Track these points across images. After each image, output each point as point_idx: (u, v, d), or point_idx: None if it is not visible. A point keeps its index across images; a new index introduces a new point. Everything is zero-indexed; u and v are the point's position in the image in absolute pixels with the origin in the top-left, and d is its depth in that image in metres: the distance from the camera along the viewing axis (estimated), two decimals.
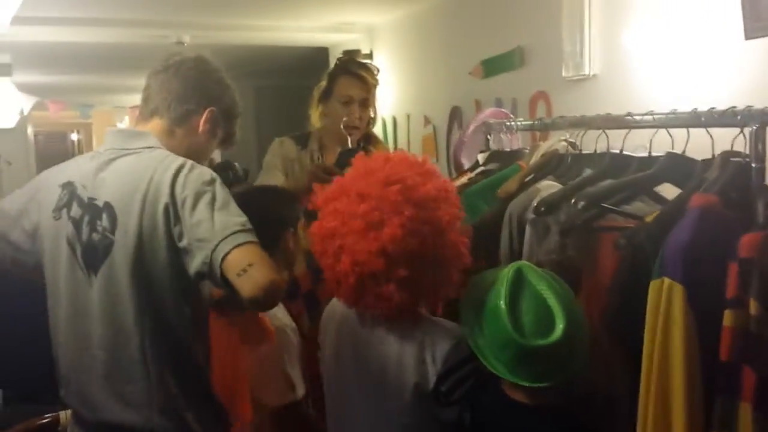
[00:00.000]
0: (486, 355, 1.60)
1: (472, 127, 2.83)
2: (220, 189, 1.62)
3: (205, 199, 1.58)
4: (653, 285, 1.40)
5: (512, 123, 2.46)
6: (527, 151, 2.38)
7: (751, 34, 1.92)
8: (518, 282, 1.62)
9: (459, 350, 1.65)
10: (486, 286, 1.66)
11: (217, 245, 1.52)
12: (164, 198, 1.60)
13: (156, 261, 1.61)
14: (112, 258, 1.63)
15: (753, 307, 1.29)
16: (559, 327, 1.52)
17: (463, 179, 2.61)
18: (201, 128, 1.81)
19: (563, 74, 2.89)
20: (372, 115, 2.89)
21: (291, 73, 7.10)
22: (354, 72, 2.80)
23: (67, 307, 1.70)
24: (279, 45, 5.27)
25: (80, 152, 16.68)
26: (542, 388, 1.53)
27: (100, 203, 1.66)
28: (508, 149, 2.56)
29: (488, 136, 2.66)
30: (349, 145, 2.68)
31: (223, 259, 1.51)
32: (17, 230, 1.77)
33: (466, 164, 2.82)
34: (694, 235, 1.39)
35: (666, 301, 1.37)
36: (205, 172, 1.65)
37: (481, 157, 2.66)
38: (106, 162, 1.72)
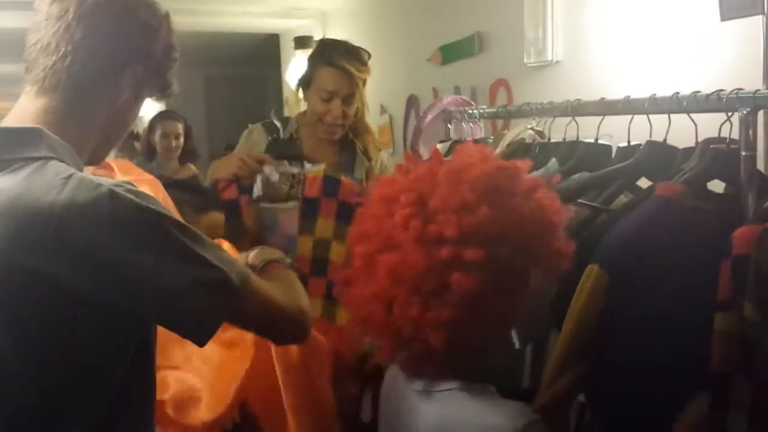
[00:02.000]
0: None
1: (430, 116, 2.69)
2: (175, 226, 1.15)
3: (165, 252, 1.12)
4: (585, 271, 1.29)
5: (474, 111, 2.31)
6: (491, 141, 2.25)
7: (727, 14, 1.81)
8: None
9: None
10: None
11: (239, 297, 1.22)
12: (68, 252, 1.08)
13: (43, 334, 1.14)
14: None
15: (747, 309, 1.17)
16: None
17: None
18: (120, 99, 1.25)
19: (525, 61, 2.80)
20: (361, 106, 2.49)
21: (242, 61, 6.93)
22: (338, 64, 2.35)
23: None
24: (227, 31, 5.10)
25: None
26: None
27: None
28: (469, 139, 2.42)
29: (448, 125, 2.52)
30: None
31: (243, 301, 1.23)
32: None
33: (425, 154, 2.68)
34: (645, 225, 1.29)
35: (587, 286, 1.27)
36: (138, 210, 1.11)
37: (440, 147, 2.52)
38: None
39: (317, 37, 4.53)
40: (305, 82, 2.44)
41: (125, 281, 1.10)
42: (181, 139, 4.19)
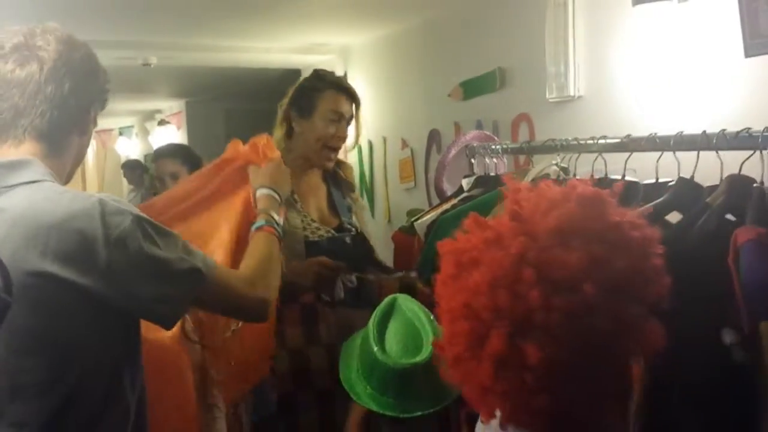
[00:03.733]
0: (357, 391, 1.77)
1: (454, 150, 2.72)
2: (149, 226, 1.36)
3: (143, 251, 1.33)
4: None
5: (499, 146, 2.33)
6: (515, 176, 2.26)
7: (752, 51, 1.84)
8: (389, 311, 1.82)
9: None
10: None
11: (195, 281, 1.41)
12: (71, 253, 1.28)
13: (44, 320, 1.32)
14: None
15: None
16: (427, 348, 1.68)
17: (447, 206, 2.49)
18: (88, 132, 1.48)
19: (547, 96, 2.83)
20: (357, 131, 2.64)
21: (262, 95, 6.97)
22: (344, 87, 2.54)
23: None
24: (250, 67, 5.14)
25: None
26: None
27: None
28: (493, 174, 2.44)
29: (472, 160, 2.54)
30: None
31: (195, 302, 1.45)
32: None
33: (449, 190, 2.70)
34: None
35: None
36: (124, 215, 1.33)
37: (465, 182, 2.54)
38: None
39: (339, 72, 4.58)
40: (306, 111, 2.48)
41: (112, 273, 1.29)
42: (181, 176, 3.63)
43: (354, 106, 2.54)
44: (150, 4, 3.45)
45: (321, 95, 2.47)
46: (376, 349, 1.75)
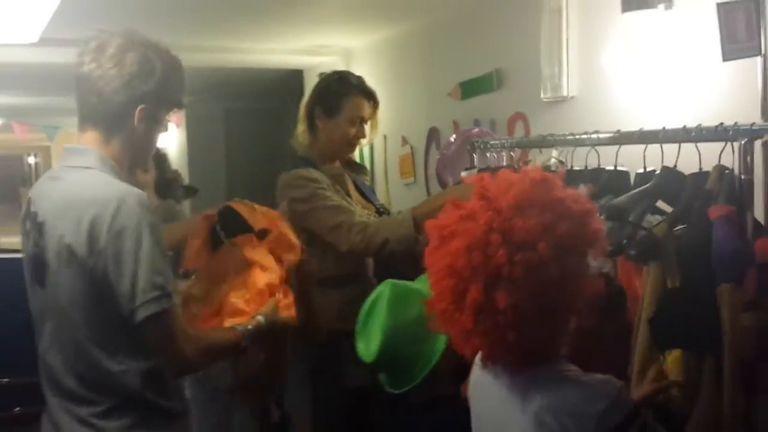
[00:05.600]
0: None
1: (455, 146, 2.91)
2: (148, 235, 1.57)
3: (129, 249, 1.56)
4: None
5: (501, 141, 2.53)
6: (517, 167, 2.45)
7: (729, 55, 2.03)
8: (372, 304, 2.01)
9: (613, 413, 1.36)
10: None
11: (136, 308, 1.57)
12: (84, 228, 1.56)
13: (76, 288, 1.62)
14: (49, 277, 1.64)
15: None
16: (373, 349, 1.93)
17: None
18: (137, 130, 1.69)
19: (541, 96, 2.97)
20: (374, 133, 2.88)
21: (262, 95, 7.10)
22: (368, 92, 2.74)
23: (33, 311, 1.76)
24: (252, 67, 5.28)
25: (38, 176, 16.35)
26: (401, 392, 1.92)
27: (39, 220, 1.67)
28: (494, 167, 2.63)
29: (473, 155, 2.73)
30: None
31: (142, 320, 1.58)
32: None
33: (450, 182, 2.90)
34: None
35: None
36: (133, 215, 1.57)
37: (464, 174, 2.74)
38: (51, 179, 1.73)
39: None
40: (331, 112, 2.68)
41: (103, 257, 1.56)
42: (151, 171, 3.36)
43: (376, 108, 2.75)
44: (155, 5, 3.57)
45: (347, 99, 2.67)
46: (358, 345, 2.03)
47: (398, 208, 2.88)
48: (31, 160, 16.30)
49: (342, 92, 2.69)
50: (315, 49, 4.71)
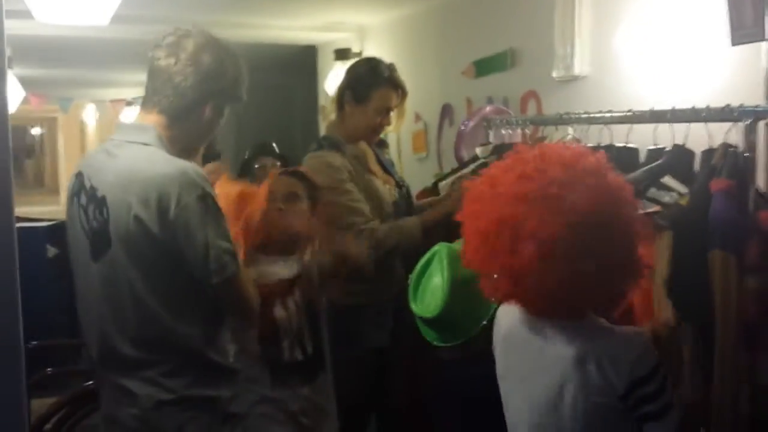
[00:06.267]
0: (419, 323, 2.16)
1: (472, 123, 3.03)
2: (211, 204, 1.72)
3: (198, 220, 1.69)
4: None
5: (518, 119, 2.64)
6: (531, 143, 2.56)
7: (737, 40, 2.13)
8: (426, 264, 2.16)
9: (643, 362, 1.49)
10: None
11: (212, 273, 1.71)
12: (153, 202, 1.68)
13: (144, 258, 1.73)
14: (112, 249, 1.74)
15: None
16: (435, 304, 2.05)
17: (466, 170, 2.81)
18: (203, 121, 1.83)
19: (554, 75, 3.07)
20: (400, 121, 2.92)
21: (275, 71, 7.18)
22: (398, 84, 2.79)
23: (81, 287, 1.87)
24: (267, 43, 5.35)
25: (42, 148, 16.30)
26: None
27: (99, 195, 1.76)
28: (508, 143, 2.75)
29: (489, 131, 2.85)
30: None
31: (217, 284, 1.73)
32: None
33: (466, 156, 3.03)
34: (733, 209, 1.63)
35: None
36: (197, 188, 1.70)
37: (480, 150, 2.86)
38: (107, 154, 1.81)
39: (355, 50, 4.84)
40: (360, 100, 2.75)
41: (175, 227, 1.68)
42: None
43: (404, 98, 2.80)
44: None
45: (376, 90, 2.72)
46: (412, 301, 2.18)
47: (411, 182, 3.00)
48: (35, 131, 16.34)
49: (371, 83, 2.74)
50: (329, 26, 4.77)
